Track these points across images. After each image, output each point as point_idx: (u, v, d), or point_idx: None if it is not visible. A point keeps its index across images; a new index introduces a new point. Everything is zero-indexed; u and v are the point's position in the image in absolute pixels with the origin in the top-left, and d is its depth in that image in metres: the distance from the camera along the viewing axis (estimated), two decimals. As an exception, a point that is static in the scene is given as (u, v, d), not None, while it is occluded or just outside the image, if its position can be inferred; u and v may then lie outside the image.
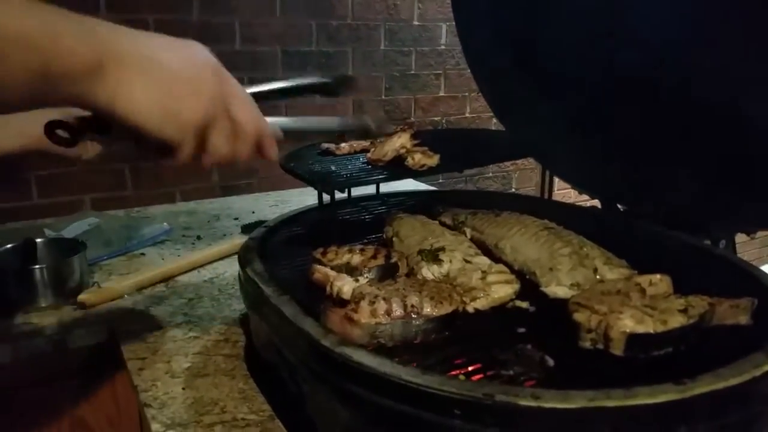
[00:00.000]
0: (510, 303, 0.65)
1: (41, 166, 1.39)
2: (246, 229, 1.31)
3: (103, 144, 0.81)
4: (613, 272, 0.65)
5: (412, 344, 0.57)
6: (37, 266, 0.94)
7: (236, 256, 1.17)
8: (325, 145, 1.01)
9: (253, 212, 1.50)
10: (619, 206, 0.98)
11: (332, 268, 0.70)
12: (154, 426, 0.68)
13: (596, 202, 1.04)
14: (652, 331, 0.50)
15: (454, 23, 1.79)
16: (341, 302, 0.63)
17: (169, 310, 0.96)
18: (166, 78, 0.46)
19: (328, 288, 0.66)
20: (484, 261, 0.70)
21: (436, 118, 1.88)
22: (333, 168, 0.85)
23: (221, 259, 1.19)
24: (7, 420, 0.91)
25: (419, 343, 0.57)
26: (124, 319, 0.93)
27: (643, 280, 0.59)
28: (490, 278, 0.65)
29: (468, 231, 0.83)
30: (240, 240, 1.25)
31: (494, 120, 1.98)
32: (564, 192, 1.74)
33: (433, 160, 0.83)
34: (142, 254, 1.21)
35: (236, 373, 0.79)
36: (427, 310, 0.57)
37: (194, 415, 0.70)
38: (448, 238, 0.75)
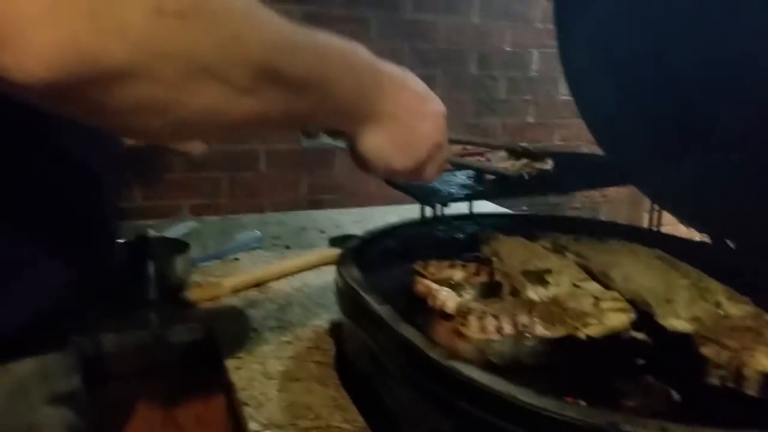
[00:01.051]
0: (625, 333, 0.62)
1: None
2: (334, 241, 1.33)
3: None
4: (738, 308, 0.61)
5: (523, 365, 0.55)
6: (147, 262, 0.99)
7: (323, 268, 1.22)
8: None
9: (338, 226, 1.53)
10: (729, 242, 0.93)
11: (433, 282, 0.70)
12: (252, 425, 0.69)
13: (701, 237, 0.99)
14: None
15: (545, 50, 1.80)
16: (443, 316, 0.63)
17: (262, 314, 0.99)
18: (400, 138, 0.56)
19: (430, 301, 0.65)
20: (595, 286, 0.68)
21: (523, 144, 1.85)
22: (435, 184, 0.86)
23: (310, 269, 1.21)
24: (105, 407, 0.95)
25: (530, 365, 0.56)
26: (222, 319, 0.96)
27: (774, 318, 0.56)
28: (604, 305, 0.63)
29: (570, 256, 0.81)
30: (329, 252, 1.27)
31: (584, 149, 1.94)
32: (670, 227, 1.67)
33: (548, 165, 0.82)
34: (236, 259, 1.25)
35: (328, 381, 0.79)
36: (540, 330, 0.56)
37: (290, 417, 0.71)
38: (555, 261, 0.73)
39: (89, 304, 0.64)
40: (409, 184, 0.82)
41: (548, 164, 0.84)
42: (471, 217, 1.02)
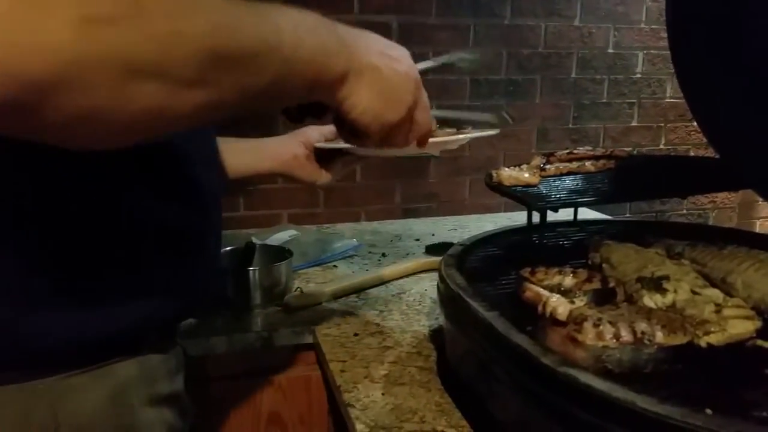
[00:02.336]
0: (749, 341, 0.58)
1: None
2: (430, 249, 1.34)
3: (334, 174, 0.94)
4: None
5: (642, 373, 0.53)
6: (254, 268, 1.04)
7: (420, 275, 1.22)
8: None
9: (433, 234, 1.53)
10: None
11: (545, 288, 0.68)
12: (359, 426, 0.70)
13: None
14: None
15: (650, 51, 1.72)
16: (555, 323, 0.61)
17: (363, 320, 1.00)
18: (385, 88, 0.54)
19: (540, 307, 0.64)
20: (716, 293, 0.63)
21: (626, 149, 1.77)
22: (541, 189, 0.84)
23: (407, 276, 1.22)
24: (214, 406, 1.00)
25: (649, 373, 0.53)
26: (324, 324, 0.99)
27: None
28: (726, 312, 0.59)
29: (687, 263, 0.76)
30: (425, 259, 1.28)
31: (691, 153, 1.84)
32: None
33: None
34: (335, 266, 1.28)
35: (431, 386, 0.79)
36: (660, 338, 0.53)
37: (395, 420, 0.71)
38: (671, 267, 0.70)
39: (196, 308, 0.66)
40: (516, 190, 0.81)
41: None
42: (576, 223, 0.99)
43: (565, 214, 0.95)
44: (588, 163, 0.93)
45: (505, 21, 1.60)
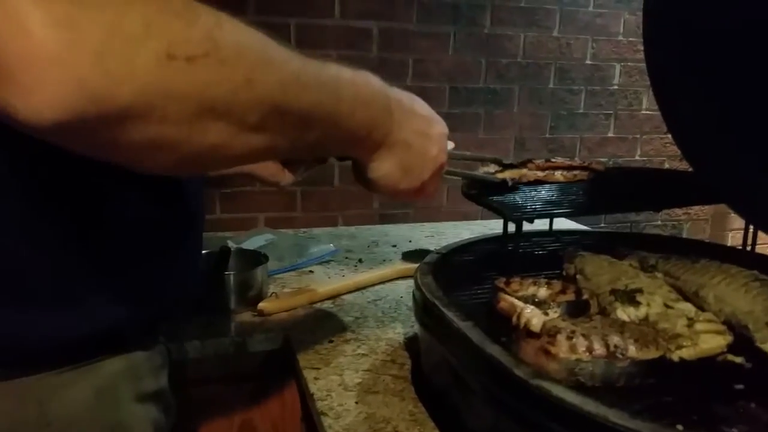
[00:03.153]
0: (720, 356, 0.59)
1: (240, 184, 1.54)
2: (407, 256, 1.33)
3: (297, 176, 0.95)
4: None
5: (614, 386, 0.53)
6: (229, 272, 1.02)
7: (397, 281, 1.22)
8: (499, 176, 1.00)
9: (410, 241, 1.53)
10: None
11: (516, 299, 0.68)
12: (331, 435, 0.69)
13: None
14: None
15: (627, 63, 1.75)
16: (529, 334, 0.61)
17: (338, 326, 1.00)
18: (409, 164, 0.59)
19: (514, 318, 0.64)
20: (688, 307, 0.64)
21: (602, 159, 1.80)
22: (517, 199, 0.84)
23: (383, 283, 1.21)
24: (186, 411, 0.98)
25: (621, 387, 0.53)
26: (298, 329, 0.98)
27: None
28: (698, 326, 0.60)
29: (660, 276, 0.77)
30: (401, 266, 1.28)
31: (666, 165, 1.87)
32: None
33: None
34: (311, 271, 1.27)
35: (405, 395, 0.79)
36: (632, 351, 0.53)
37: (368, 429, 0.70)
38: (644, 280, 0.70)
39: (179, 306, 0.66)
40: (492, 200, 0.81)
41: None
42: (551, 233, 1.00)
43: (540, 224, 0.95)
44: (558, 173, 0.94)
45: (485, 30, 1.61)
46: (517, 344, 0.57)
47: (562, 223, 1.44)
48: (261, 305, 1.02)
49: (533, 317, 0.61)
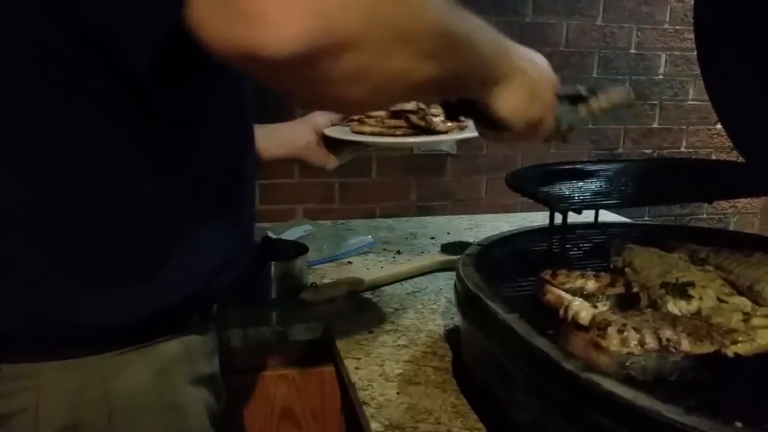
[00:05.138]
0: (779, 353, 0.56)
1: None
2: (446, 248, 1.32)
3: (341, 160, 1.00)
4: None
5: (667, 381, 0.52)
6: (271, 262, 1.03)
7: (436, 274, 1.21)
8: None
9: (449, 233, 1.51)
10: None
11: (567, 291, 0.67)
12: (374, 425, 0.69)
13: None
14: None
15: (674, 52, 1.69)
16: (577, 327, 0.60)
17: (378, 317, 1.00)
18: (530, 90, 0.59)
19: (561, 311, 0.63)
20: (743, 301, 0.62)
21: (647, 151, 1.75)
22: (563, 190, 0.83)
23: (422, 274, 1.21)
24: (228, 398, 1.00)
25: (675, 381, 0.52)
26: (339, 320, 0.98)
27: None
28: (755, 321, 0.57)
29: (711, 269, 0.75)
30: (440, 257, 1.27)
31: (713, 156, 1.81)
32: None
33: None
34: (350, 262, 1.27)
35: (447, 387, 0.78)
36: (685, 345, 0.52)
37: (410, 420, 0.70)
38: (697, 273, 0.68)
39: (229, 293, 0.67)
40: (537, 191, 0.79)
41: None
42: (597, 226, 0.98)
43: (585, 216, 0.93)
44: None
45: (527, 18, 1.58)
46: (565, 337, 0.56)
47: (607, 216, 1.41)
48: (302, 295, 1.02)
49: (582, 310, 0.60)
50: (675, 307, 0.62)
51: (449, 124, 0.99)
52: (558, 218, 0.78)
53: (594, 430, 0.49)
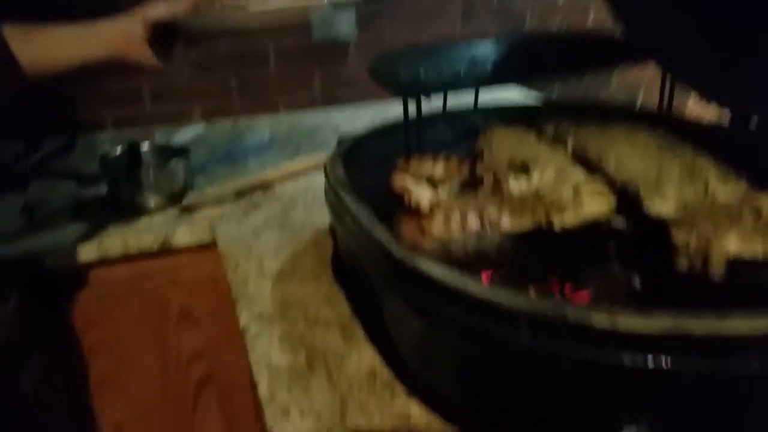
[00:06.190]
0: (604, 221, 0.59)
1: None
2: (341, 142, 1.31)
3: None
4: (727, 189, 0.56)
5: (488, 259, 0.54)
6: (141, 170, 1.00)
7: (333, 167, 1.20)
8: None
9: (354, 125, 1.49)
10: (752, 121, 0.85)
11: (415, 178, 0.68)
12: (243, 319, 0.72)
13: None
14: (761, 255, 0.43)
15: None
16: (416, 213, 0.61)
17: (265, 216, 1.00)
18: None
19: (406, 198, 0.63)
20: (578, 175, 0.64)
21: (552, 28, 1.73)
22: (421, 71, 0.79)
23: (315, 169, 1.20)
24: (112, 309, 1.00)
25: (494, 259, 0.54)
26: (224, 222, 0.98)
27: (763, 200, 0.51)
28: (583, 189, 0.59)
29: (570, 143, 0.76)
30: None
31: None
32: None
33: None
34: (246, 163, 1.25)
35: (322, 278, 0.80)
36: (505, 223, 0.54)
37: (279, 310, 0.73)
38: (543, 149, 0.69)
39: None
40: (392, 72, 0.76)
41: None
42: (481, 110, 0.97)
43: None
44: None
45: None
46: (399, 223, 0.57)
47: (508, 96, 1.40)
48: (185, 201, 1.01)
49: (423, 197, 0.60)
50: (516, 184, 0.63)
51: None
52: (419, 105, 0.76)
53: (423, 309, 0.51)
